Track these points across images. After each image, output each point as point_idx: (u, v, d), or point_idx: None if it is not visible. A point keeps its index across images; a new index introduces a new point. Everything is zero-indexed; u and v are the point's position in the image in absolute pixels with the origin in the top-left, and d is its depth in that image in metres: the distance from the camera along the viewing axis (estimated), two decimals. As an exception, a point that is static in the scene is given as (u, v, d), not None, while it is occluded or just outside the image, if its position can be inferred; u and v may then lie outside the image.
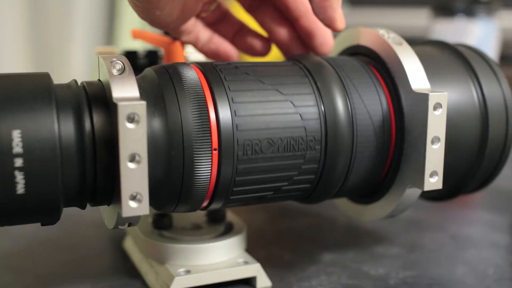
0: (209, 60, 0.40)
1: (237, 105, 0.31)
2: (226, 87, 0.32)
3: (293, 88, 0.33)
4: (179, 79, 0.31)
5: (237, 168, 0.31)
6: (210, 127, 0.30)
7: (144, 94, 0.29)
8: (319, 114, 0.33)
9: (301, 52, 0.39)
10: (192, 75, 0.32)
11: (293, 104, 0.33)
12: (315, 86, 0.34)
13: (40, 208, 0.27)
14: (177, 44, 0.39)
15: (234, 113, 0.31)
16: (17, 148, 0.26)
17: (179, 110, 0.30)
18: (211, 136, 0.30)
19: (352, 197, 0.40)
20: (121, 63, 0.29)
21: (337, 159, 0.33)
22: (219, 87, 0.31)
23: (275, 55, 0.41)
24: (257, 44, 0.40)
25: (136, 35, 0.40)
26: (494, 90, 0.37)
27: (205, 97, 0.31)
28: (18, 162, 0.26)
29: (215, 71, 0.32)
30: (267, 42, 0.41)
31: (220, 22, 0.40)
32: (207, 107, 0.30)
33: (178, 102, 0.30)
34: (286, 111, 0.32)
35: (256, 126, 0.31)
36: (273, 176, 0.33)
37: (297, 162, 0.33)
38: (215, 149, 0.30)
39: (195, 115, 0.30)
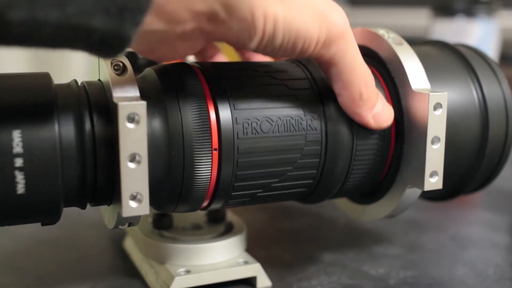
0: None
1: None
2: (226, 86, 0.31)
3: (289, 74, 0.34)
4: (179, 79, 0.31)
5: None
6: (210, 127, 0.30)
7: (144, 94, 0.29)
8: (320, 115, 0.33)
9: None
10: (191, 75, 0.32)
11: (287, 87, 0.33)
12: (315, 84, 0.33)
13: (40, 208, 0.27)
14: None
15: (234, 113, 0.31)
16: (17, 148, 0.26)
17: (179, 110, 0.30)
18: (211, 136, 0.30)
19: (352, 197, 0.40)
20: (121, 63, 0.29)
21: (337, 159, 0.33)
22: (218, 86, 0.31)
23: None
24: None
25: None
26: (494, 90, 0.37)
27: (205, 97, 0.31)
28: (18, 162, 0.26)
29: (215, 70, 0.32)
30: None
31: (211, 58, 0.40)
32: (207, 107, 0.30)
33: (178, 102, 0.30)
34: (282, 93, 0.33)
35: (255, 108, 0.31)
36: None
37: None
38: (215, 149, 0.30)
39: (195, 115, 0.30)
